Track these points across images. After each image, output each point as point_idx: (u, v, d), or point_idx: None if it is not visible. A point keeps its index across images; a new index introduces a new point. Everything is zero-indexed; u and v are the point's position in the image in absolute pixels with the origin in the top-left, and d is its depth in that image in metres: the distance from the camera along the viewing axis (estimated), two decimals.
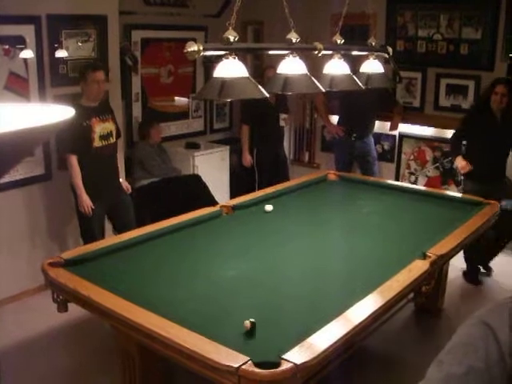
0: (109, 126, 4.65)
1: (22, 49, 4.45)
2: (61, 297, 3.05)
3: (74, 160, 4.47)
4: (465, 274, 5.19)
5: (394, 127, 6.27)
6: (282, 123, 6.46)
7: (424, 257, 3.28)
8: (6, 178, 4.34)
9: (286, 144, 7.19)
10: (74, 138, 4.32)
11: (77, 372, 3.78)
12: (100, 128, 4.56)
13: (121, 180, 5.00)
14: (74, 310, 3.15)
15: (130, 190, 5.07)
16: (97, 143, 4.55)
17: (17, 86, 4.52)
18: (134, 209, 4.98)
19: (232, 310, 2.78)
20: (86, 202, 4.50)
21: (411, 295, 3.30)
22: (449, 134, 6.01)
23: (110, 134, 4.66)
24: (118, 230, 4.69)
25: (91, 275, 3.01)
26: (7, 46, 4.40)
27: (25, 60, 4.52)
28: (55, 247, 4.94)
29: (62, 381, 3.72)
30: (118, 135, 4.85)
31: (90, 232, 4.61)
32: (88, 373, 3.76)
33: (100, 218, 4.71)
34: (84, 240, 4.64)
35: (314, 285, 3.10)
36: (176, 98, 6.63)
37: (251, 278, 3.18)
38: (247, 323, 2.51)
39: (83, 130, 4.43)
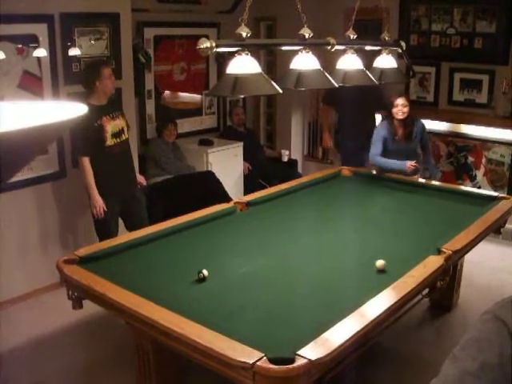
0: (119, 123, 4.60)
1: (35, 47, 4.48)
2: (76, 294, 3.07)
3: (86, 162, 4.44)
4: None
5: None
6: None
7: (439, 252, 3.26)
8: (21, 176, 4.36)
9: (299, 140, 7.18)
10: (86, 139, 4.35)
11: (92, 368, 3.80)
12: (111, 126, 4.52)
13: (137, 175, 5.00)
14: (89, 307, 3.17)
15: (145, 184, 5.08)
16: (109, 142, 4.52)
17: (30, 85, 4.54)
18: (147, 206, 4.97)
19: (246, 307, 2.78)
20: (99, 202, 4.48)
21: (426, 291, 3.29)
22: (463, 128, 5.99)
23: (121, 131, 4.62)
24: (130, 227, 4.66)
25: (106, 272, 3.02)
26: (20, 45, 4.42)
27: (38, 59, 4.54)
28: (70, 245, 4.96)
29: (77, 377, 3.74)
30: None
31: (106, 230, 4.59)
32: (103, 369, 3.77)
33: (114, 215, 4.70)
34: (100, 238, 4.61)
35: (328, 281, 3.10)
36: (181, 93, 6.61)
37: (265, 274, 3.18)
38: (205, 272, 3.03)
39: (95, 131, 4.40)
